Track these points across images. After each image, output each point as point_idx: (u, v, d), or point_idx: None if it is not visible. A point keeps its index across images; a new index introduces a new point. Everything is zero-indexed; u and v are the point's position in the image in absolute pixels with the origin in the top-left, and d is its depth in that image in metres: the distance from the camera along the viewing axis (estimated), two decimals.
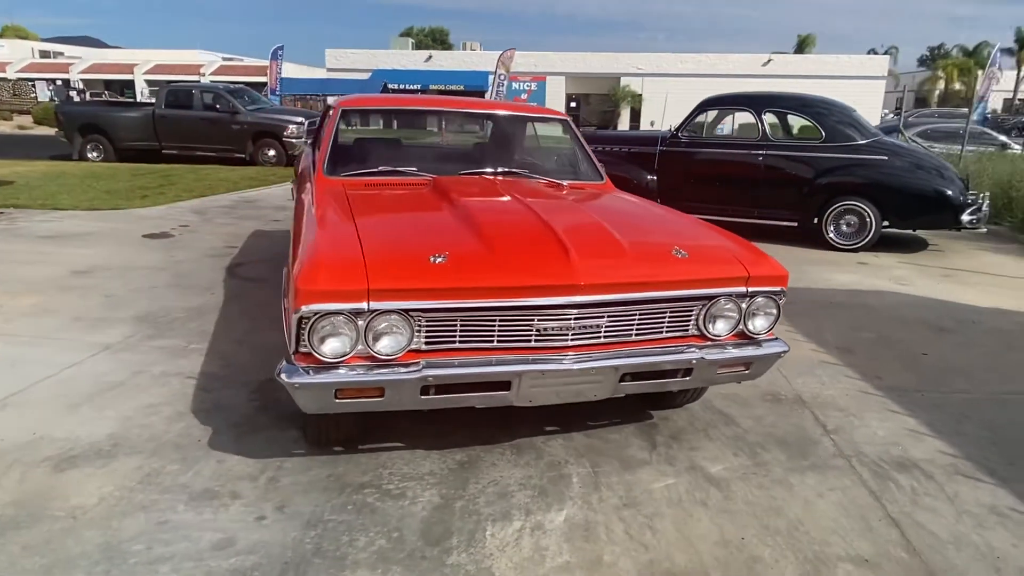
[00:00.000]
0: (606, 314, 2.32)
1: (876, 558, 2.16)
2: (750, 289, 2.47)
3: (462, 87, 36.45)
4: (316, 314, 2.08)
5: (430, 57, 38.54)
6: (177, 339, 3.87)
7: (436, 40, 61.12)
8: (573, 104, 37.05)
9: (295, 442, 2.77)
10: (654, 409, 3.14)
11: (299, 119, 14.56)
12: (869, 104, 32.78)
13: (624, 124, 35.94)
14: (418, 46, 46.16)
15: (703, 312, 2.46)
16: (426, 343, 2.23)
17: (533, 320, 2.26)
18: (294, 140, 14.22)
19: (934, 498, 2.50)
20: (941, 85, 50.58)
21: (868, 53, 54.89)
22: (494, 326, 2.25)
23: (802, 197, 7.00)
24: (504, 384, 2.27)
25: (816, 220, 7.00)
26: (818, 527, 2.31)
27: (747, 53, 37.17)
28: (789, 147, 7.28)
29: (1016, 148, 14.22)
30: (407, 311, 2.15)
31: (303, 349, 2.16)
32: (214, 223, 7.45)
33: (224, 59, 44.11)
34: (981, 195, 6.96)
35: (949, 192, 6.62)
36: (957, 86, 49.16)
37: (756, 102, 7.48)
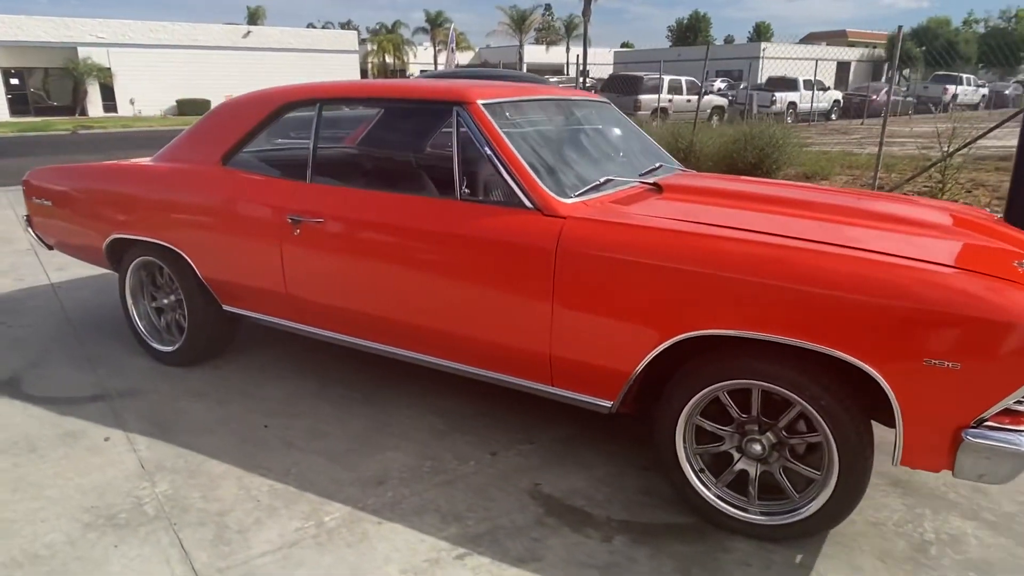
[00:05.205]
0: None
1: None
2: None
3: None
4: None
5: None
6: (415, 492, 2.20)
7: None
8: (15, 80, 29.15)
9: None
10: None
11: None
12: (348, 75, 35.24)
13: (96, 103, 30.23)
14: None
15: None
16: None
17: None
18: None
19: None
20: (379, 58, 57.29)
21: (307, 27, 58.20)
22: None
23: None
24: None
25: None
26: None
27: (207, 23, 35.06)
28: None
29: None
30: None
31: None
32: None
33: None
34: None
35: None
36: (391, 59, 56.70)
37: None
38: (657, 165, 3.11)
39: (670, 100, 20.38)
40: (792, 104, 23.69)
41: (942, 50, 40.66)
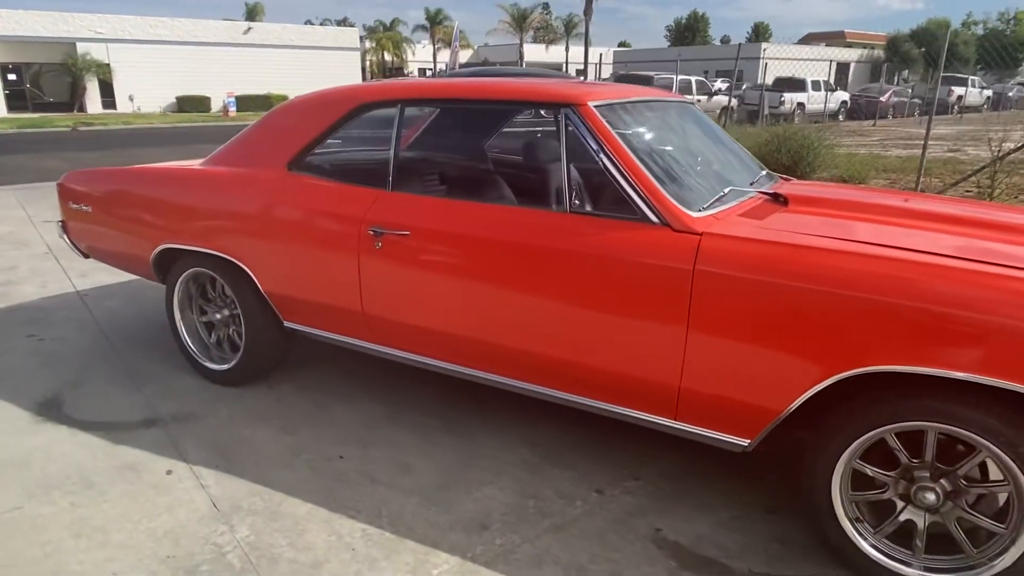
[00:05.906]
0: None
1: None
2: None
3: None
4: None
5: None
6: None
7: None
8: (13, 76, 28.73)
9: None
10: None
11: None
12: (350, 73, 34.96)
13: (95, 100, 29.82)
14: None
15: None
16: None
17: None
18: None
19: None
20: (377, 56, 56.85)
21: (305, 24, 57.69)
22: None
23: None
24: None
25: None
26: None
27: (212, 20, 34.61)
28: None
29: None
30: None
31: None
32: None
33: None
34: None
35: None
36: (390, 57, 56.30)
37: None
38: (762, 172, 2.87)
39: None
40: (800, 104, 23.51)
41: (940, 52, 40.54)
